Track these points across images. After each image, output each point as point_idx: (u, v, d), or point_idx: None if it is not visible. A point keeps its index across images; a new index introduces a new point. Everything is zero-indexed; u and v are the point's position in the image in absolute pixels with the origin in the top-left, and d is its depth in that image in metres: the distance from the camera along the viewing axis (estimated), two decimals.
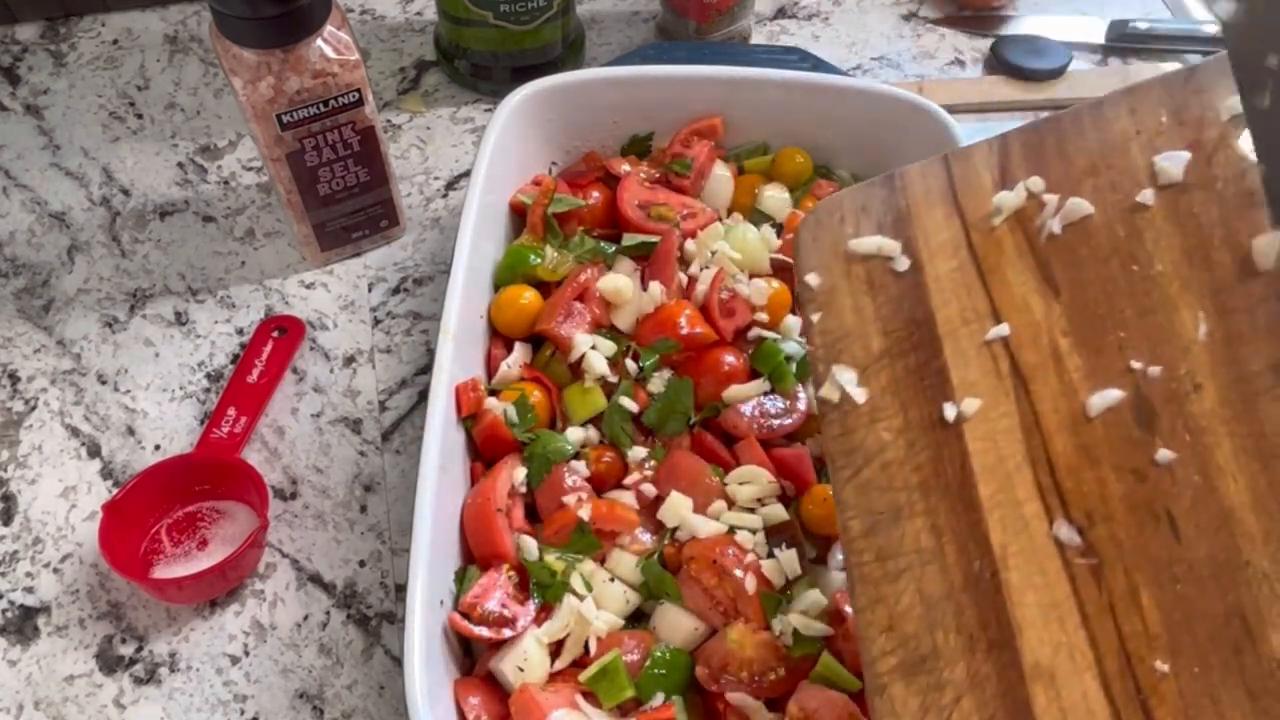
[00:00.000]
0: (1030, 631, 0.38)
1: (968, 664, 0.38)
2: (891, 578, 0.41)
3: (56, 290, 0.72)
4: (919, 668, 0.39)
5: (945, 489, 0.42)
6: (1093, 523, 0.39)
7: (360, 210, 0.71)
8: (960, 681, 0.38)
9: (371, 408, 0.67)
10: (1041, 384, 0.42)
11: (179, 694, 0.56)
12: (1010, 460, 0.41)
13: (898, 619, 0.40)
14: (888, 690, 0.39)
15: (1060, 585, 0.38)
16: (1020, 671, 0.37)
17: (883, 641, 0.40)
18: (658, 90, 0.70)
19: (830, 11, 0.92)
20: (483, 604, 0.51)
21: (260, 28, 0.58)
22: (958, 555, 0.40)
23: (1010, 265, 0.45)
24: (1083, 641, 0.37)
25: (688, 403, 0.58)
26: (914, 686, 0.39)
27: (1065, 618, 0.38)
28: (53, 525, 0.62)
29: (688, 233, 0.64)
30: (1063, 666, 0.37)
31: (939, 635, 0.39)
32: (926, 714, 0.38)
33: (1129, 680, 0.36)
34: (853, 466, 0.44)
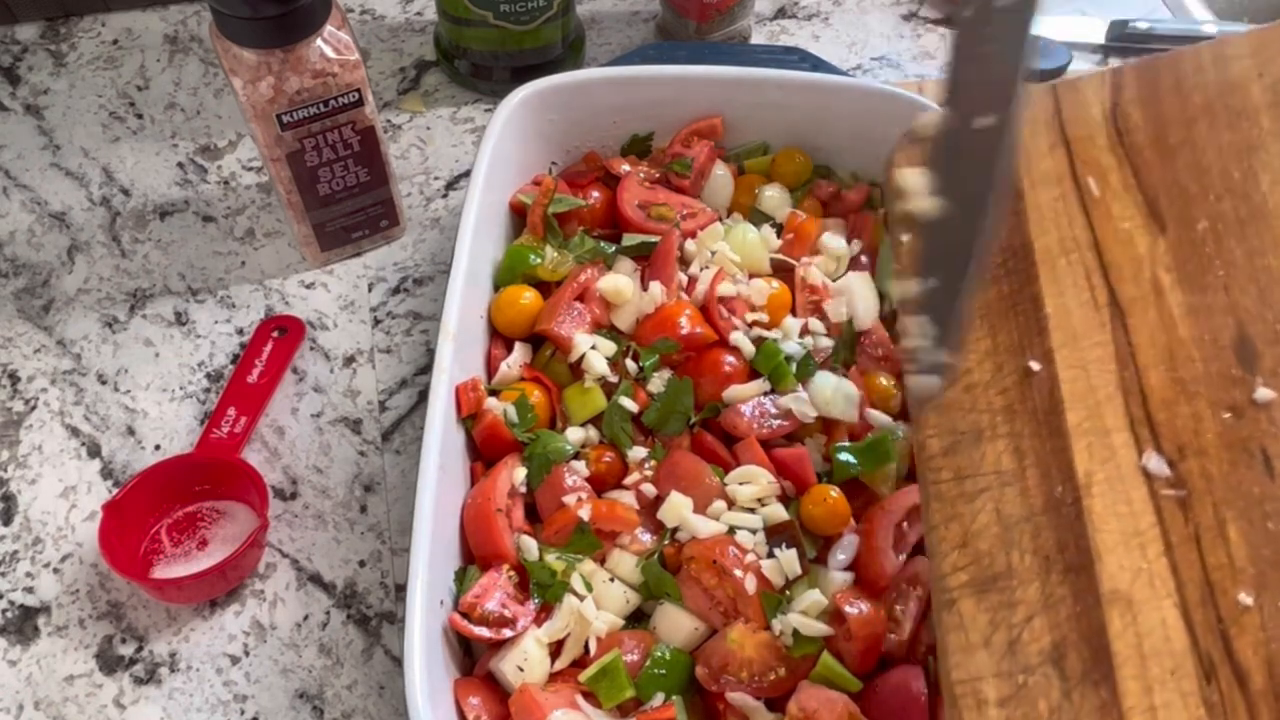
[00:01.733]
0: (1110, 557, 0.38)
1: (1042, 585, 0.38)
2: (969, 497, 0.41)
3: (56, 290, 0.72)
4: (990, 585, 0.39)
5: (1031, 414, 0.41)
6: (1183, 456, 0.39)
7: (360, 210, 0.71)
8: (1033, 601, 0.38)
9: (371, 408, 0.67)
10: (1139, 317, 0.42)
11: (179, 694, 0.56)
12: (1101, 390, 0.41)
13: (972, 536, 0.40)
14: (957, 605, 0.39)
15: (1145, 514, 0.38)
16: (1097, 596, 0.37)
17: (955, 557, 0.40)
18: (658, 90, 0.70)
19: (830, 11, 0.92)
20: (483, 604, 0.51)
21: (260, 28, 0.58)
22: (1040, 479, 0.40)
23: (1116, 199, 0.45)
24: (1164, 570, 0.37)
25: (688, 403, 0.58)
26: (984, 603, 0.38)
27: (1147, 546, 0.38)
28: (53, 525, 0.62)
29: (688, 233, 0.64)
30: (1141, 593, 0.37)
31: (1014, 555, 0.39)
32: (995, 630, 0.38)
33: (1210, 610, 0.36)
34: None
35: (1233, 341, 0.40)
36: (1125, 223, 0.44)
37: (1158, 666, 0.36)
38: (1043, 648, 0.37)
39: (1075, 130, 0.47)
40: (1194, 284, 0.42)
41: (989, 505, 0.40)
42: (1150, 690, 0.35)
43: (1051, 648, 0.37)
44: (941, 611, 0.39)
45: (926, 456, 0.43)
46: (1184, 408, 0.40)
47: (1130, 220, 0.44)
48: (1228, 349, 0.40)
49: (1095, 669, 0.36)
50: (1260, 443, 0.38)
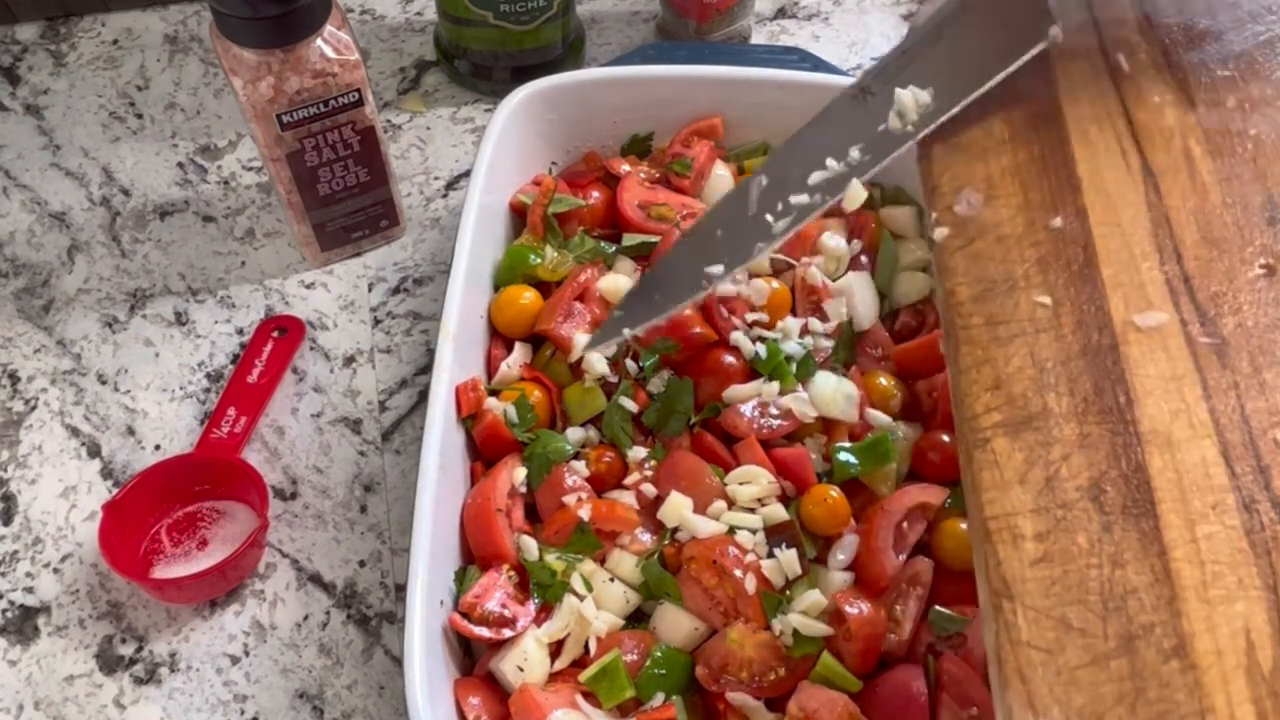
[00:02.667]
0: (1149, 400, 0.38)
1: (1079, 425, 0.38)
2: (1001, 342, 0.41)
3: (56, 290, 0.72)
4: (1026, 425, 0.39)
5: (1065, 266, 0.42)
6: (1219, 309, 0.40)
7: (360, 210, 0.71)
8: (1070, 440, 0.38)
9: (371, 408, 0.67)
10: (1171, 181, 0.43)
11: (179, 694, 0.56)
12: (1136, 246, 0.42)
13: (1005, 380, 0.40)
14: (990, 443, 0.39)
15: (1183, 360, 0.39)
16: (1136, 435, 0.37)
17: (988, 399, 0.40)
18: (658, 90, 0.70)
19: (830, 11, 0.92)
20: (483, 604, 0.51)
21: (260, 28, 0.58)
22: (1075, 326, 0.40)
23: (1144, 75, 0.46)
24: (1203, 412, 0.38)
25: (688, 403, 0.58)
26: (1019, 442, 0.38)
27: (1186, 390, 0.38)
28: (53, 525, 0.62)
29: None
30: (1181, 433, 0.37)
31: (1050, 397, 0.39)
32: (1032, 468, 0.38)
33: (1250, 449, 0.37)
34: (965, 237, 0.44)
35: (1263, 205, 0.42)
36: (1155, 97, 0.46)
37: (1199, 501, 0.36)
38: (1080, 484, 0.37)
39: (1104, 13, 0.49)
40: (1223, 154, 0.43)
41: (1023, 350, 0.40)
42: (1192, 523, 0.35)
43: (1090, 484, 0.37)
44: (974, 451, 0.39)
45: (956, 303, 0.43)
46: (1218, 265, 0.41)
47: (1160, 95, 0.46)
48: (1257, 212, 0.41)
49: (1135, 504, 0.36)
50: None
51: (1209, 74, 0.46)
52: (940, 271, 0.45)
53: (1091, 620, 0.34)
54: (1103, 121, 0.46)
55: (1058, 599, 0.35)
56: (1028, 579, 0.36)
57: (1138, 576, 0.35)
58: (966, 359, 0.41)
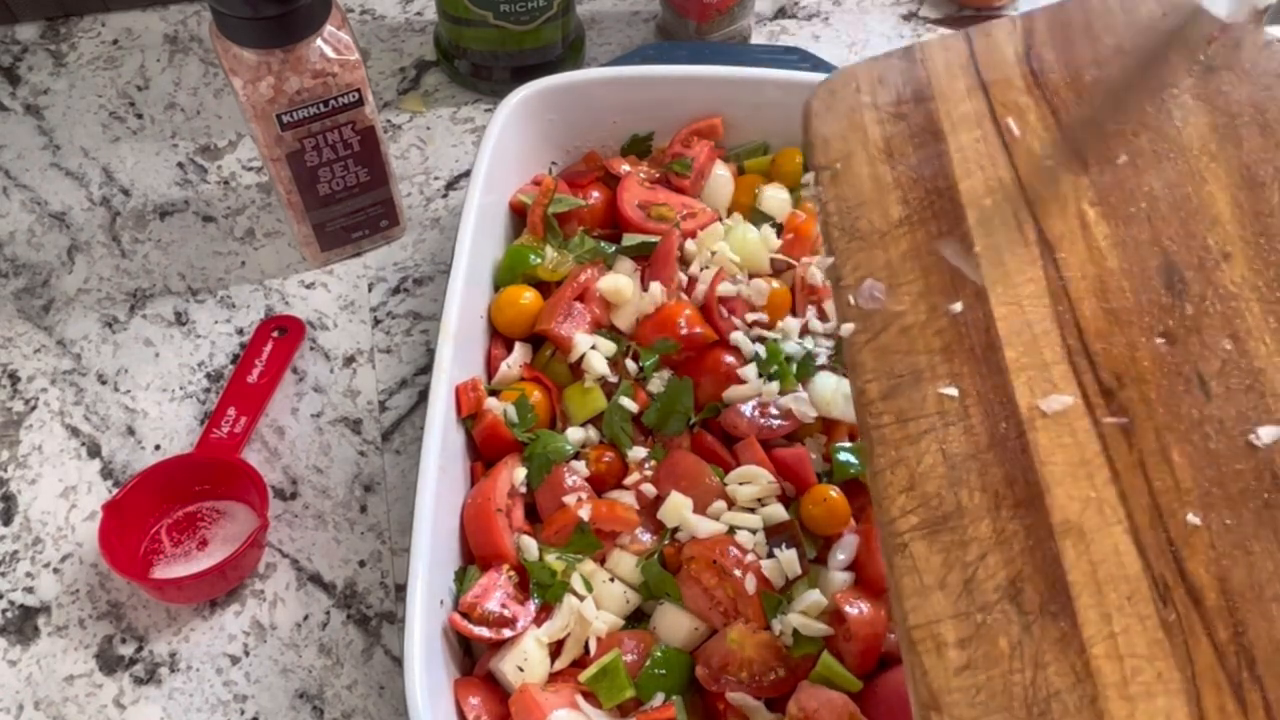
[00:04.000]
0: (1059, 489, 0.38)
1: (993, 521, 0.38)
2: (912, 439, 0.41)
3: (56, 290, 0.72)
4: (941, 525, 0.38)
5: (969, 353, 0.41)
6: (1122, 384, 0.39)
7: (360, 210, 0.71)
8: (985, 538, 0.38)
9: (371, 408, 0.67)
10: (1068, 251, 0.43)
11: (179, 694, 0.56)
12: (1037, 325, 0.41)
13: (919, 479, 0.40)
14: (909, 548, 0.38)
15: (1090, 444, 0.39)
16: (1049, 528, 0.37)
17: (903, 501, 0.39)
18: (658, 90, 0.70)
19: (830, 11, 0.92)
20: (483, 604, 0.51)
21: (260, 28, 0.58)
22: (983, 417, 0.40)
23: (1036, 137, 0.46)
24: (1113, 497, 0.37)
25: (688, 403, 0.58)
26: (936, 544, 0.38)
27: (1094, 474, 0.38)
28: (53, 525, 0.62)
29: (688, 233, 0.64)
30: (1092, 521, 0.37)
31: (963, 494, 0.39)
32: (950, 570, 0.38)
33: (1160, 533, 0.36)
34: (870, 330, 0.44)
35: (1160, 270, 0.41)
36: (1047, 160, 0.45)
37: (1114, 592, 0.36)
38: (999, 584, 0.37)
39: (991, 74, 0.48)
40: (1118, 216, 0.43)
41: (933, 446, 0.40)
42: (1109, 617, 0.35)
43: (1008, 583, 0.37)
44: (893, 556, 0.39)
45: (866, 402, 0.42)
46: (1119, 337, 0.41)
47: (1052, 158, 0.45)
48: (1155, 277, 0.41)
49: (1052, 600, 0.36)
50: (1194, 366, 0.39)
51: (1098, 129, 0.45)
52: (849, 369, 0.44)
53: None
54: (996, 193, 0.45)
55: (983, 708, 0.35)
56: (953, 689, 0.36)
57: (1059, 678, 0.35)
58: (880, 460, 0.41)
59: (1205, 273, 0.41)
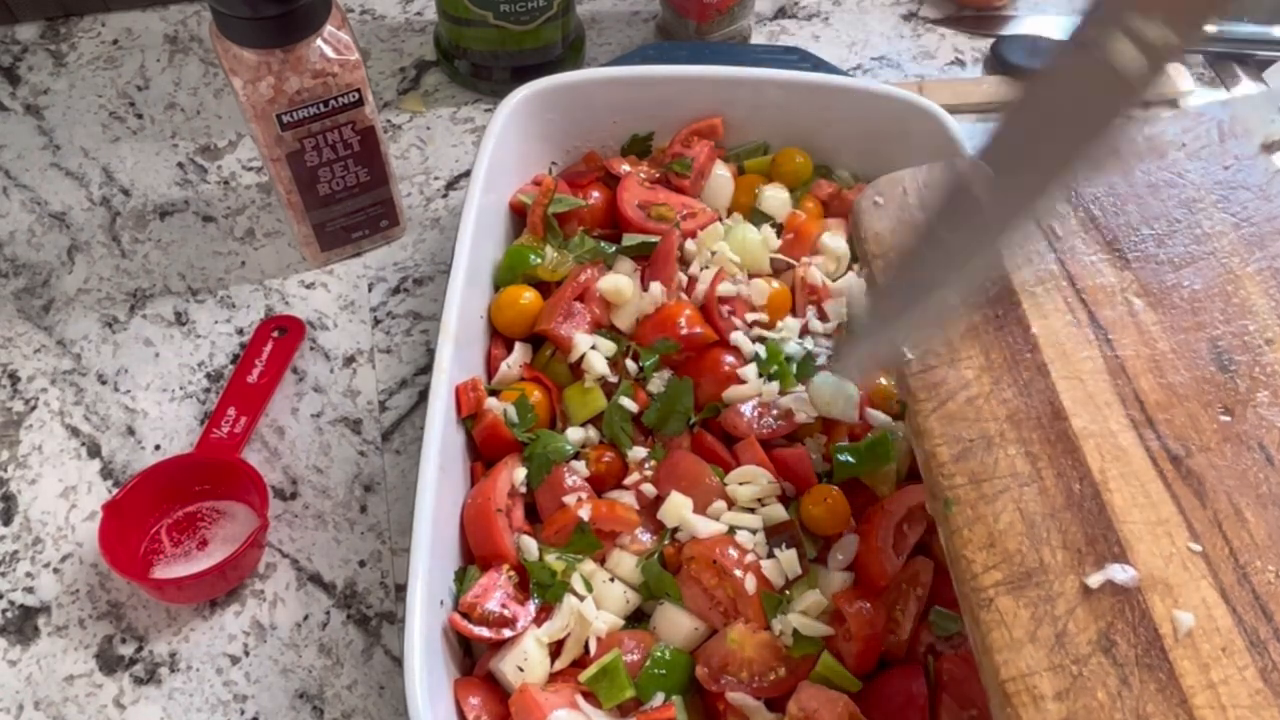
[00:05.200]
0: (1140, 545, 0.39)
1: (1078, 578, 0.39)
2: (988, 499, 0.42)
3: (56, 290, 0.72)
4: (1026, 581, 0.39)
5: (1036, 421, 0.43)
6: (1189, 452, 0.41)
7: (360, 210, 0.71)
8: (1072, 593, 0.39)
9: (371, 408, 0.67)
10: (1121, 334, 0.45)
11: (179, 694, 0.56)
12: (1099, 397, 0.43)
13: (998, 536, 0.41)
14: (995, 603, 0.39)
15: (1165, 504, 0.40)
16: (1136, 586, 0.38)
17: (984, 557, 0.40)
18: (658, 90, 0.70)
19: (830, 11, 0.92)
20: (483, 604, 0.51)
21: (260, 28, 0.58)
22: (1056, 479, 0.41)
23: (1078, 237, 0.49)
24: (1195, 554, 0.39)
25: (688, 403, 0.58)
26: (1023, 599, 0.39)
27: (1174, 533, 0.39)
28: (53, 525, 0.62)
29: (688, 233, 0.64)
30: (1177, 577, 0.38)
31: (1044, 551, 0.40)
32: (1039, 625, 0.38)
33: (1246, 587, 0.38)
34: (936, 399, 0.45)
35: (1209, 351, 0.44)
36: (1090, 257, 0.48)
37: (1208, 644, 0.37)
38: (1090, 637, 0.37)
39: None
40: (1164, 305, 0.46)
41: (1010, 505, 0.41)
42: (1206, 668, 0.36)
43: (1099, 636, 0.37)
44: (979, 611, 0.39)
45: (938, 464, 0.43)
46: (1179, 410, 0.43)
47: (1095, 255, 0.48)
48: (1206, 358, 0.44)
49: (1147, 654, 0.37)
50: (1258, 438, 0.41)
51: (1135, 233, 0.48)
52: (916, 435, 0.45)
53: None
54: (1047, 283, 0.48)
55: None
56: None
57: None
58: (957, 519, 0.42)
59: (1252, 354, 0.44)
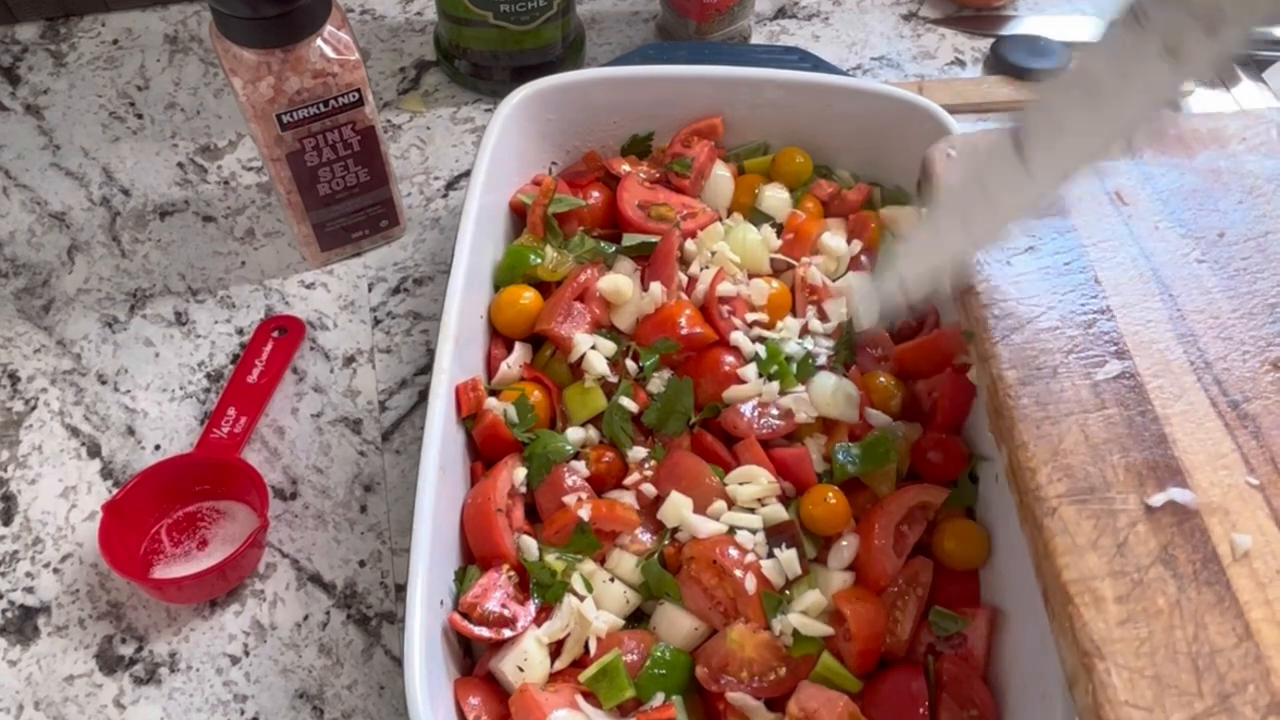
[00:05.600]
0: (1199, 474, 0.41)
1: (1139, 496, 0.41)
2: (1054, 419, 0.44)
3: (56, 290, 0.72)
4: (1089, 495, 0.41)
5: (1100, 357, 0.46)
6: (1246, 398, 0.43)
7: (360, 210, 0.71)
8: (1133, 510, 0.40)
9: (371, 408, 0.67)
10: (1183, 291, 0.47)
11: (179, 694, 0.56)
12: (1161, 343, 0.45)
13: (1061, 454, 0.43)
14: (1058, 512, 0.41)
15: (1224, 441, 0.42)
16: (1194, 509, 0.40)
17: (1048, 470, 0.42)
18: (658, 90, 0.70)
19: (830, 11, 0.92)
20: (483, 604, 0.51)
21: (260, 28, 0.58)
22: (1120, 409, 0.43)
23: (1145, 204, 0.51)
24: (1252, 486, 0.40)
25: (688, 403, 0.58)
26: (1086, 511, 0.41)
27: (1232, 468, 0.41)
28: (53, 525, 0.62)
29: (688, 233, 0.64)
30: (1235, 504, 0.40)
31: (1108, 470, 0.42)
32: (1101, 535, 0.40)
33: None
34: (1004, 329, 0.48)
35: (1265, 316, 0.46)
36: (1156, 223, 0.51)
37: (1264, 565, 0.38)
38: (1150, 550, 0.39)
39: None
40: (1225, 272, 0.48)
41: (1074, 428, 0.43)
42: (1263, 586, 0.38)
43: (1159, 549, 0.39)
44: (1044, 519, 0.41)
45: (1005, 386, 0.46)
46: (1236, 360, 0.45)
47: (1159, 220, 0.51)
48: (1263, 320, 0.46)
49: (1205, 569, 0.38)
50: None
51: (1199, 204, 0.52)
52: (982, 360, 0.48)
53: (1185, 679, 0.36)
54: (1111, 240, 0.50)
55: (1149, 659, 0.37)
56: (1116, 639, 0.37)
57: (1221, 637, 0.37)
58: (1022, 434, 0.44)
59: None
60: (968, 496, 0.57)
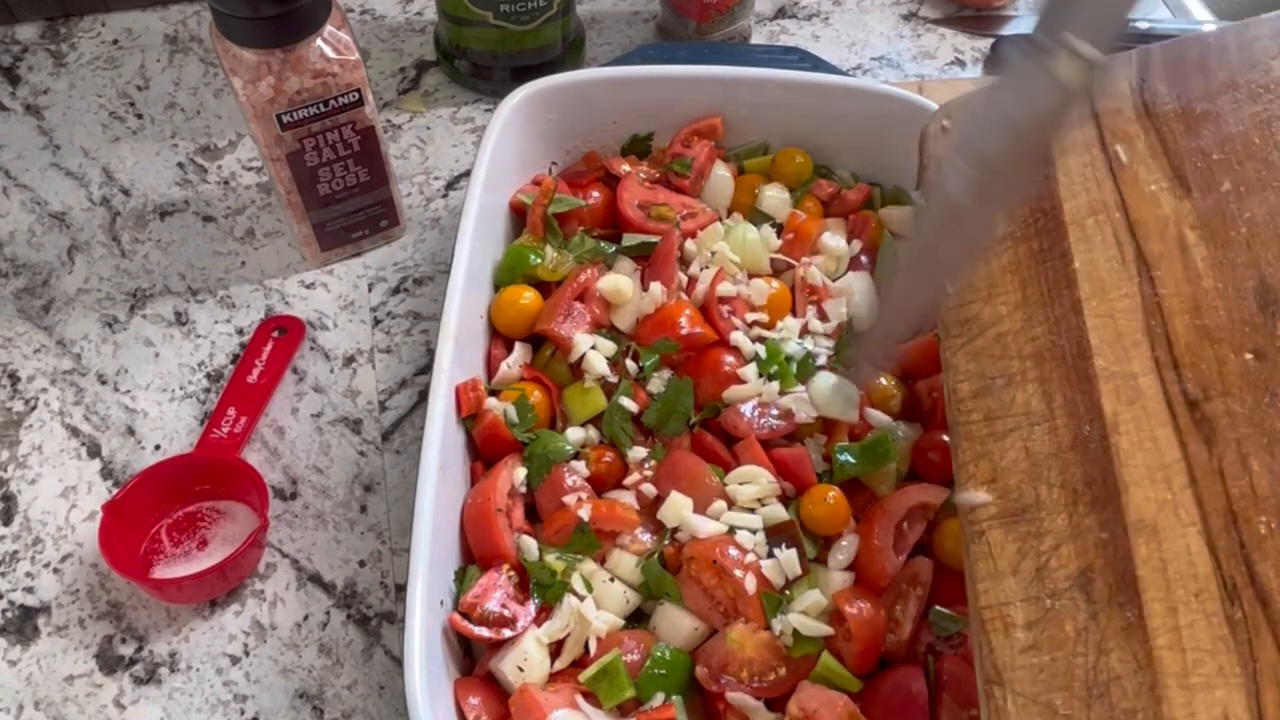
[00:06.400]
0: (1136, 490, 0.40)
1: (1069, 516, 0.40)
2: (998, 436, 0.43)
3: (56, 290, 0.72)
4: (1019, 518, 0.41)
5: (1060, 359, 0.44)
6: (1208, 397, 0.41)
7: (360, 210, 0.71)
8: (1060, 531, 0.40)
9: (371, 408, 0.67)
10: (1165, 270, 0.45)
11: (179, 694, 0.56)
12: (1128, 336, 0.43)
13: (1000, 473, 0.42)
14: (985, 535, 0.41)
15: (1170, 450, 0.40)
16: (1123, 525, 0.39)
17: (984, 491, 0.42)
18: (658, 90, 0.70)
19: (830, 11, 0.92)
20: (483, 604, 0.51)
21: (260, 28, 0.58)
22: (1068, 419, 0.42)
23: (1142, 164, 0.48)
24: (1189, 500, 0.39)
25: (688, 403, 0.58)
26: (1012, 534, 0.40)
27: (1172, 479, 0.40)
28: (53, 525, 0.62)
29: (688, 233, 0.64)
30: (1166, 522, 0.39)
31: (1042, 489, 0.41)
32: (1024, 559, 0.40)
33: (1233, 536, 0.38)
34: (967, 335, 0.47)
35: (1255, 290, 0.43)
36: (1151, 185, 0.47)
37: (1182, 589, 0.37)
38: (1070, 574, 0.39)
39: (1104, 104, 0.51)
40: (1217, 240, 0.45)
41: (1018, 444, 0.42)
42: (1175, 611, 0.37)
43: (1078, 574, 0.39)
44: (970, 543, 0.41)
45: (957, 400, 0.45)
46: (1208, 352, 0.42)
47: (1156, 183, 0.47)
48: (1250, 297, 0.43)
49: (1121, 593, 0.38)
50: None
51: (1204, 159, 0.47)
52: (944, 369, 0.47)
53: (1076, 707, 0.36)
54: (1099, 214, 0.48)
55: (1044, 685, 0.37)
56: (1017, 666, 0.38)
57: (1121, 664, 0.36)
58: (965, 454, 0.43)
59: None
60: None
